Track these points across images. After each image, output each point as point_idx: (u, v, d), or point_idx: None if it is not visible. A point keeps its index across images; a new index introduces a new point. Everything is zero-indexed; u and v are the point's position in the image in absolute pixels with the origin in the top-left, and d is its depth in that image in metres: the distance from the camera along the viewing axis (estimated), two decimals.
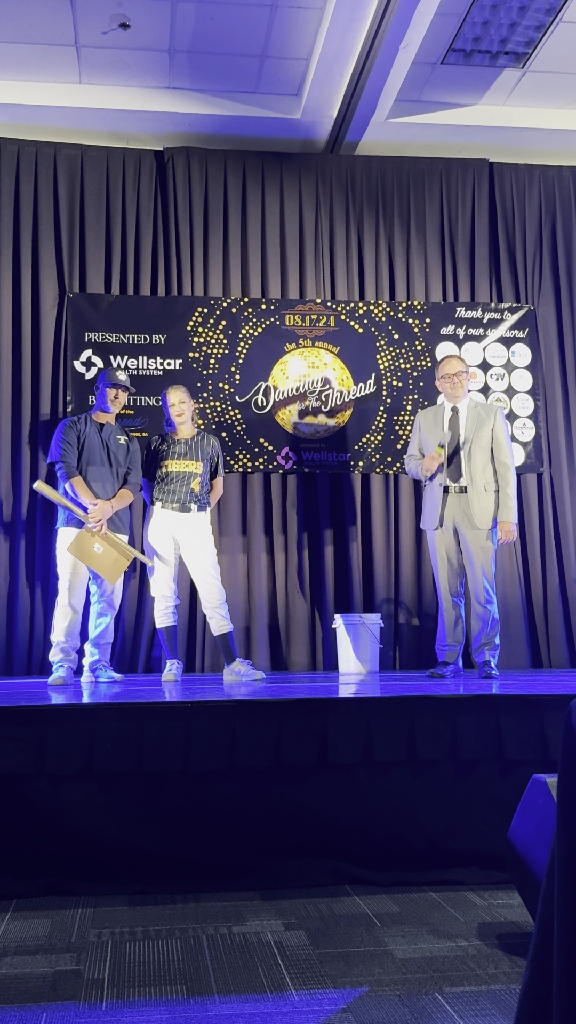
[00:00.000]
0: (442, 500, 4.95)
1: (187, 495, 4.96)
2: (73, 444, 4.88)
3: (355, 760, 3.15)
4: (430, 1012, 2.01)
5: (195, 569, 4.97)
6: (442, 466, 4.94)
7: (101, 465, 4.89)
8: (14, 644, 5.88)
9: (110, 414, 5.04)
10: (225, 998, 2.09)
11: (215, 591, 4.93)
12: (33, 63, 5.74)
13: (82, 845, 2.98)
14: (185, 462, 5.00)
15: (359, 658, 5.50)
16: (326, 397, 6.38)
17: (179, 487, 4.96)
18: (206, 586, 4.94)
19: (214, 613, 4.93)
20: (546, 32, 5.51)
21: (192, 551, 4.95)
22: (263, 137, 6.42)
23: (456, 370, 5.05)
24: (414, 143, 6.58)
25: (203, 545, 4.96)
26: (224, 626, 4.93)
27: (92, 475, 4.87)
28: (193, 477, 5.00)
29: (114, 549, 4.78)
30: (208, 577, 4.93)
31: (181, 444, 5.03)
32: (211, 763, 3.07)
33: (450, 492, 4.96)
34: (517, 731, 3.23)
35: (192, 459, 5.02)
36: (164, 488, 4.99)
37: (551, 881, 1.38)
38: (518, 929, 2.57)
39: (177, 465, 4.99)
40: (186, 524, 4.95)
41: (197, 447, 5.05)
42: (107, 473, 4.91)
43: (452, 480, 4.96)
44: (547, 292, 6.77)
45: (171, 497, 4.96)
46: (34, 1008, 2.05)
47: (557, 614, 6.37)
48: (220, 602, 4.92)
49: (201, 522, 4.99)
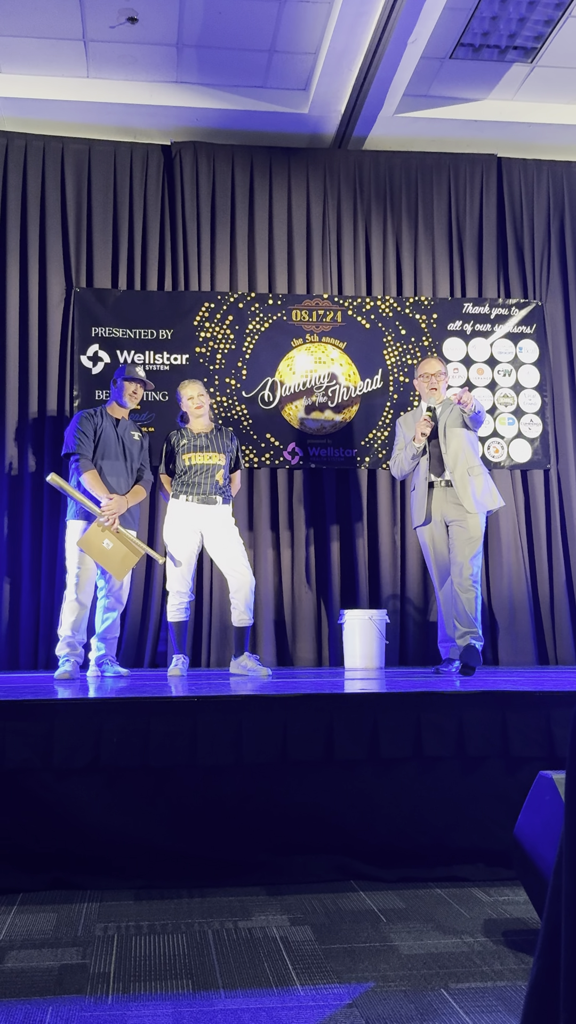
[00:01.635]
0: (428, 495, 4.96)
1: (211, 487, 4.92)
2: (89, 436, 4.83)
3: (361, 756, 3.14)
4: (436, 1008, 2.01)
5: (225, 559, 4.91)
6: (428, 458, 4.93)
7: (116, 460, 4.87)
8: (20, 638, 5.89)
9: (126, 408, 5.00)
10: (230, 993, 2.09)
11: (246, 580, 4.85)
12: (41, 57, 5.74)
13: (88, 840, 2.98)
14: (208, 454, 4.95)
15: (365, 654, 5.49)
16: (333, 393, 6.37)
17: (203, 479, 4.92)
18: (237, 575, 4.87)
19: (240, 603, 4.86)
20: (555, 27, 5.49)
21: (220, 542, 4.90)
22: (271, 132, 6.40)
23: (435, 370, 5.07)
24: (422, 138, 6.56)
25: (231, 535, 4.92)
26: (245, 620, 4.89)
27: (106, 470, 4.83)
28: (216, 469, 4.96)
29: (124, 545, 4.76)
30: (239, 566, 4.87)
31: (201, 437, 4.99)
32: (217, 758, 3.07)
33: (436, 487, 4.96)
34: (523, 727, 3.22)
35: (214, 451, 4.97)
36: (186, 481, 4.92)
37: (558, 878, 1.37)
38: (524, 926, 2.57)
39: (200, 458, 4.94)
40: (211, 516, 4.91)
41: (217, 439, 5.01)
42: (121, 468, 4.88)
43: (436, 475, 4.96)
44: (555, 288, 6.75)
45: (195, 490, 4.91)
46: (40, 1002, 2.06)
47: (564, 611, 6.36)
48: (249, 590, 4.85)
49: (226, 514, 4.95)
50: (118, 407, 4.99)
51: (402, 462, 5.09)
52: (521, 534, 6.42)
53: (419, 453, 4.99)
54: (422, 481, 5.00)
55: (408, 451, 5.01)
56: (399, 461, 5.12)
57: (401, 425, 5.18)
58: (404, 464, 5.08)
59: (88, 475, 4.78)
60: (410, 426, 5.10)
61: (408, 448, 5.01)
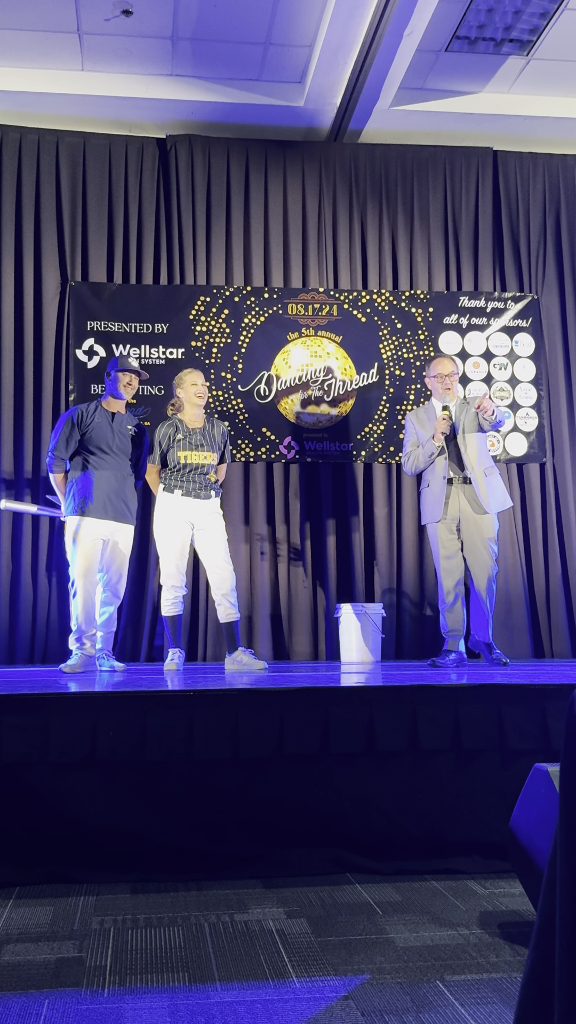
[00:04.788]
0: (446, 492, 4.99)
1: (204, 483, 4.93)
2: (68, 439, 4.84)
3: (357, 749, 3.15)
4: (431, 1000, 2.02)
5: (208, 555, 4.92)
6: (446, 456, 4.96)
7: (110, 454, 4.86)
8: (16, 632, 5.89)
9: (121, 401, 4.98)
10: (227, 985, 2.10)
11: (227, 577, 4.89)
12: (35, 50, 5.72)
13: (84, 833, 2.99)
14: (203, 453, 4.95)
15: (361, 648, 5.50)
16: (329, 386, 6.36)
17: (197, 476, 4.92)
18: (218, 571, 4.90)
19: (223, 600, 4.89)
20: (551, 19, 5.48)
21: (206, 537, 4.91)
22: (266, 125, 6.39)
23: (449, 371, 5.13)
24: (418, 131, 6.55)
25: (217, 531, 4.92)
26: (231, 614, 4.91)
27: (101, 464, 4.83)
28: (210, 468, 4.97)
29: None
30: (221, 563, 4.89)
31: (196, 435, 4.96)
32: (213, 752, 3.08)
33: (454, 483, 5.01)
34: (519, 720, 3.23)
35: (208, 450, 4.97)
36: (179, 476, 4.91)
37: (553, 870, 1.38)
38: (519, 918, 2.58)
39: (195, 456, 4.93)
40: (202, 510, 4.91)
41: (210, 436, 5.01)
42: (116, 462, 4.87)
43: (454, 472, 5.01)
44: (551, 281, 6.75)
45: (189, 485, 4.90)
46: (36, 995, 2.06)
47: (560, 604, 6.37)
48: (231, 588, 4.88)
49: (215, 508, 4.96)
50: (114, 400, 4.97)
51: (417, 459, 5.12)
52: (517, 528, 6.43)
53: (437, 452, 5.02)
54: (438, 478, 5.02)
55: (426, 449, 5.04)
56: (414, 458, 5.14)
57: (413, 422, 5.20)
58: (420, 462, 5.11)
59: (56, 476, 4.88)
60: (424, 424, 5.12)
61: (426, 446, 5.04)
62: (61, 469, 4.89)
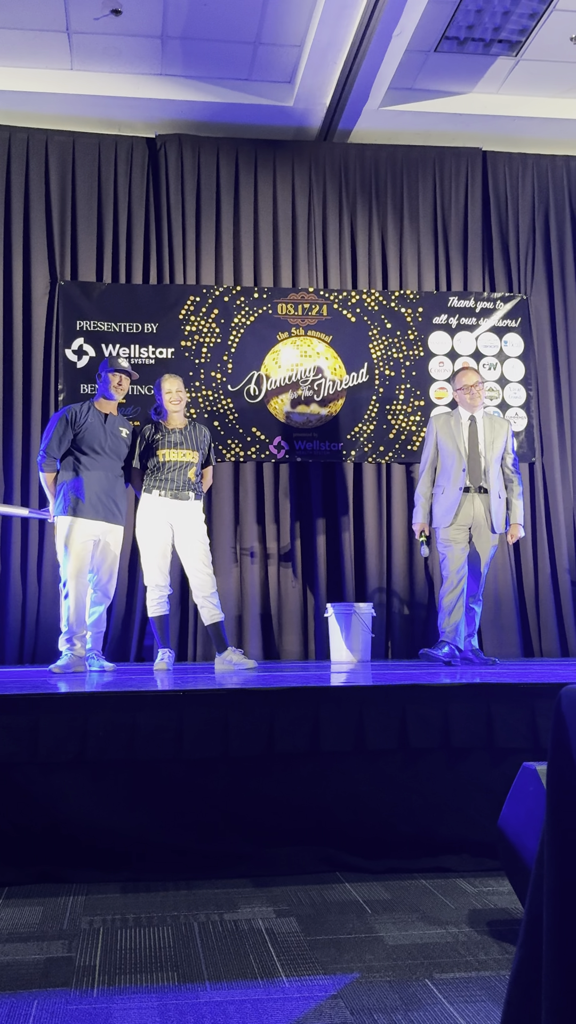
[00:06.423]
0: (460, 500, 5.09)
1: (184, 483, 4.94)
2: (61, 438, 4.84)
3: (347, 748, 3.16)
4: (420, 998, 2.02)
5: (188, 558, 4.95)
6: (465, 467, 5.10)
7: (102, 455, 4.85)
8: (5, 632, 5.88)
9: (113, 402, 4.98)
10: (216, 985, 2.10)
11: (207, 580, 4.92)
12: (24, 49, 5.70)
13: (74, 833, 2.99)
14: (182, 451, 4.97)
15: (351, 647, 5.51)
16: (318, 386, 6.37)
17: (176, 475, 4.93)
18: (198, 575, 4.93)
19: (205, 602, 4.92)
20: (540, 20, 5.50)
21: (186, 539, 4.93)
22: (256, 125, 6.39)
23: (474, 381, 5.21)
24: (407, 131, 6.56)
25: (197, 534, 4.94)
26: (215, 615, 4.93)
27: (93, 464, 4.83)
28: (190, 466, 4.97)
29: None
30: (200, 566, 4.92)
31: (176, 433, 4.99)
32: (203, 751, 3.08)
33: (470, 492, 5.11)
34: (508, 719, 3.24)
35: (188, 448, 4.98)
36: (159, 477, 4.93)
37: (541, 868, 1.39)
38: (508, 916, 2.59)
39: (174, 454, 4.95)
40: (182, 511, 4.93)
41: (192, 436, 5.02)
42: (108, 463, 4.87)
43: (473, 483, 5.10)
44: (540, 281, 6.77)
45: (168, 485, 4.92)
46: (25, 995, 2.06)
47: (548, 603, 6.39)
48: (211, 591, 4.92)
49: (196, 510, 4.98)
50: (106, 401, 4.97)
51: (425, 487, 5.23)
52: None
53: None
54: (454, 487, 5.10)
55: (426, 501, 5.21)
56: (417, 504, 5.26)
57: (436, 430, 5.24)
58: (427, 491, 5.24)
59: (47, 475, 4.88)
60: (447, 434, 5.18)
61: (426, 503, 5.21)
62: (52, 468, 4.89)
